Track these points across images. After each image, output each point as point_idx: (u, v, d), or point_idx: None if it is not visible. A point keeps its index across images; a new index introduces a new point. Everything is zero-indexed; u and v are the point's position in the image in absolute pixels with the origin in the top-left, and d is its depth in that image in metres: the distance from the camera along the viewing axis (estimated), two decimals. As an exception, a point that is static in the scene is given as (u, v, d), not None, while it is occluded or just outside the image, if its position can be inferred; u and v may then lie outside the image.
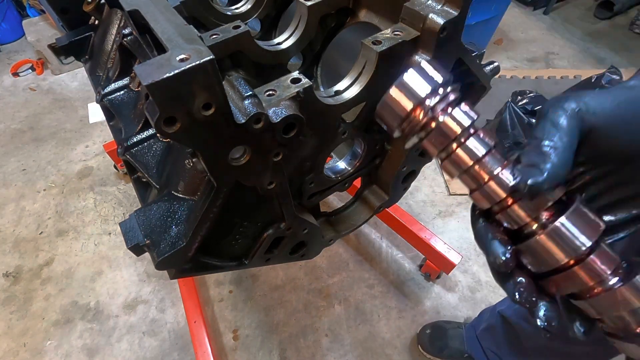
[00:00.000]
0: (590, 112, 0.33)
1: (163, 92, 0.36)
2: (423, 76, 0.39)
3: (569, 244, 0.34)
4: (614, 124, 0.33)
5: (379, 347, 1.73)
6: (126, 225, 0.61)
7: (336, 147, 0.67)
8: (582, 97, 0.34)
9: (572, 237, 0.34)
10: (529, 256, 0.36)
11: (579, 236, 0.34)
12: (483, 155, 0.37)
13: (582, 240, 0.34)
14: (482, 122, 2.37)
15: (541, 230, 0.35)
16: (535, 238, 0.35)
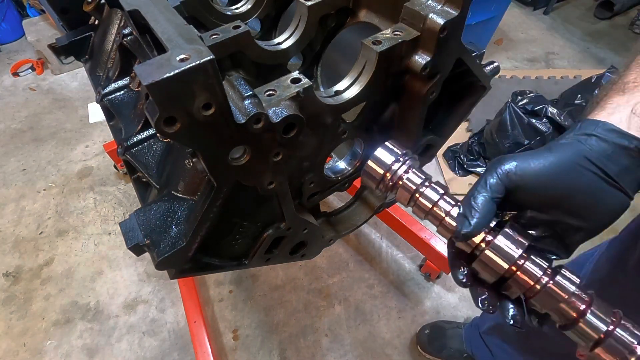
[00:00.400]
0: (517, 174, 0.44)
1: (163, 92, 0.36)
2: (388, 151, 0.56)
3: (505, 254, 0.46)
4: (532, 184, 0.44)
5: (379, 347, 1.73)
6: (126, 225, 0.61)
7: (336, 147, 0.67)
8: (514, 159, 0.45)
9: (507, 249, 0.46)
10: (481, 271, 0.48)
11: (511, 249, 0.45)
12: (436, 201, 0.51)
13: (513, 251, 0.45)
14: (482, 122, 2.38)
15: (486, 248, 0.46)
16: (481, 255, 0.47)
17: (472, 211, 0.45)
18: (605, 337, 0.42)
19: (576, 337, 0.44)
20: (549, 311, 0.45)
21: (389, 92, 0.64)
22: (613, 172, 0.43)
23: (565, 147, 0.44)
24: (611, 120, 0.44)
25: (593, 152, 0.43)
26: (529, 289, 0.45)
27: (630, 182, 0.44)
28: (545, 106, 1.98)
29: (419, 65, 0.57)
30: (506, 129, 2.03)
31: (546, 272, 0.45)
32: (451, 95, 0.75)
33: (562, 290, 0.44)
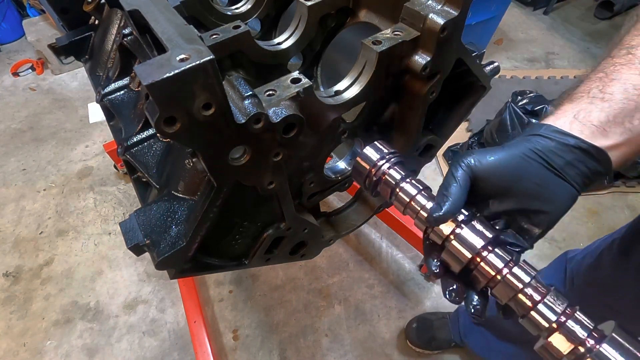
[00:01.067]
0: (476, 165, 0.50)
1: (163, 92, 0.36)
2: (375, 150, 0.60)
3: (469, 246, 0.49)
4: (488, 174, 0.50)
5: (379, 347, 1.73)
6: (126, 225, 0.61)
7: (336, 147, 0.67)
8: (473, 154, 0.51)
9: (473, 239, 0.49)
10: (448, 260, 0.51)
11: (476, 239, 0.49)
12: (414, 195, 0.55)
13: (477, 242, 0.49)
14: (482, 122, 2.38)
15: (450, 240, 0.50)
16: (448, 245, 0.51)
17: (444, 198, 0.50)
18: (557, 327, 0.43)
19: (530, 326, 0.46)
20: (509, 302, 0.47)
21: (389, 92, 0.64)
22: (557, 165, 0.48)
23: (516, 144, 0.50)
24: (556, 123, 0.50)
25: (538, 147, 0.48)
26: (491, 279, 0.48)
27: (575, 176, 0.48)
28: (545, 106, 1.98)
29: (419, 65, 0.57)
30: (506, 129, 2.03)
31: (508, 264, 0.48)
32: (451, 95, 0.75)
33: (519, 281, 0.47)
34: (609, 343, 0.41)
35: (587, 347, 0.41)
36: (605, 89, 0.49)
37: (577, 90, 0.52)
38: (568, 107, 0.51)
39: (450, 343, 1.64)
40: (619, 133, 0.48)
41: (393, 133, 0.74)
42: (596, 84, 0.50)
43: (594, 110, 0.48)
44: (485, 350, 1.49)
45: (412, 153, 0.77)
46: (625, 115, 0.47)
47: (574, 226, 2.07)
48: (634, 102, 0.47)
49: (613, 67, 0.50)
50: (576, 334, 0.43)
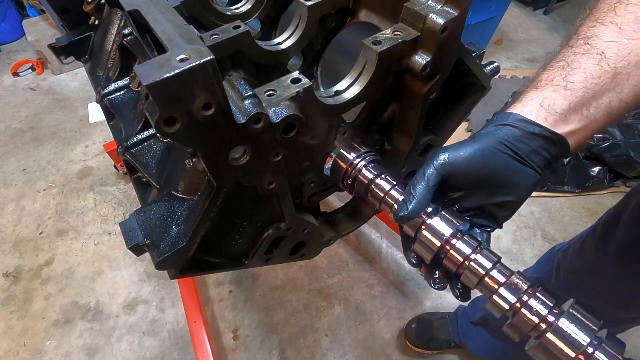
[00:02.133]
0: (449, 162, 0.53)
1: (163, 92, 0.36)
2: (352, 149, 0.65)
3: (437, 234, 0.52)
4: (462, 170, 0.53)
5: (378, 347, 1.73)
6: (126, 225, 0.61)
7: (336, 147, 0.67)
8: (447, 150, 0.53)
9: (440, 230, 0.52)
10: (420, 250, 0.54)
11: (444, 229, 0.52)
12: (387, 191, 0.59)
13: (445, 231, 0.52)
14: (482, 122, 2.38)
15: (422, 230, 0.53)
16: (420, 235, 0.54)
17: (410, 197, 0.53)
18: (520, 306, 0.46)
19: (494, 309, 0.49)
20: (476, 287, 0.51)
21: (389, 92, 0.64)
22: (524, 152, 0.51)
23: (485, 136, 0.53)
24: (523, 111, 0.53)
25: (507, 138, 0.52)
26: (459, 266, 0.51)
27: (539, 162, 0.52)
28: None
29: (419, 65, 0.57)
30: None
31: (474, 251, 0.51)
32: (451, 95, 0.75)
33: (482, 268, 0.50)
34: (566, 317, 0.44)
35: (548, 322, 0.44)
36: (568, 78, 0.52)
37: (540, 77, 0.55)
38: (534, 95, 0.54)
39: (449, 343, 1.64)
40: (577, 120, 0.51)
41: (393, 133, 0.74)
42: (559, 72, 0.53)
43: (558, 98, 0.51)
44: (483, 350, 1.49)
45: (412, 153, 0.77)
46: (584, 104, 0.51)
47: (573, 226, 2.07)
48: (591, 91, 0.50)
49: (573, 56, 0.53)
50: (537, 311, 0.45)
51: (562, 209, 2.13)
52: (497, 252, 1.75)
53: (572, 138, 0.52)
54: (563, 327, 0.43)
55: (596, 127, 0.52)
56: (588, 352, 0.41)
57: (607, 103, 0.50)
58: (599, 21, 0.53)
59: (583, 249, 1.01)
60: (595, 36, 0.52)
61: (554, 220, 2.10)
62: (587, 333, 0.43)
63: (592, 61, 0.51)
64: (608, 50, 0.50)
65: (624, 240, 0.86)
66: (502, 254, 1.96)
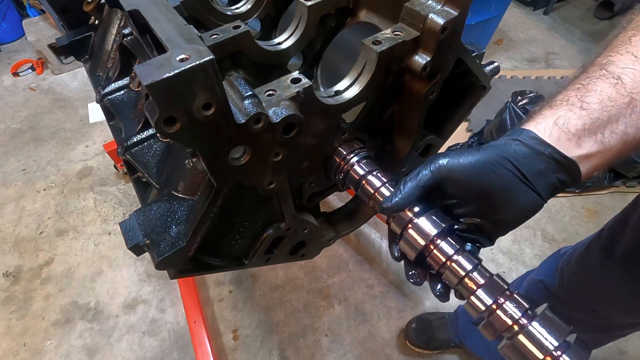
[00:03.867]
0: (447, 167, 0.51)
1: (163, 92, 0.36)
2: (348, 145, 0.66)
3: (424, 232, 0.53)
4: (458, 178, 0.51)
5: (379, 347, 1.73)
6: (126, 225, 0.61)
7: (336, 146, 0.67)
8: (448, 156, 0.52)
9: (425, 229, 0.53)
10: (404, 247, 0.55)
11: (429, 229, 0.52)
12: (378, 188, 0.61)
13: (428, 230, 0.52)
14: (482, 122, 2.38)
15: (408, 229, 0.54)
16: (405, 233, 0.54)
17: (398, 192, 0.54)
18: (496, 308, 0.48)
19: (470, 309, 0.50)
20: (457, 287, 0.52)
21: (389, 92, 0.64)
22: (529, 173, 0.49)
23: (492, 149, 0.51)
24: (537, 129, 0.51)
25: (514, 154, 0.50)
26: (441, 265, 0.52)
27: (544, 186, 0.50)
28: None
29: (419, 65, 0.57)
30: (506, 129, 2.03)
31: (456, 252, 0.51)
32: (451, 95, 0.75)
33: (462, 269, 0.51)
34: (538, 321, 0.45)
35: (521, 324, 0.46)
36: (584, 98, 0.51)
37: (555, 98, 0.54)
38: (548, 113, 0.52)
39: (449, 343, 1.64)
40: (591, 144, 0.49)
41: (393, 133, 0.74)
42: (575, 93, 0.52)
43: (573, 117, 0.50)
44: (482, 350, 1.49)
45: (412, 153, 0.77)
46: (599, 126, 0.49)
47: (573, 226, 2.07)
48: (607, 114, 0.49)
49: (590, 79, 0.52)
50: (511, 314, 0.47)
51: (562, 209, 2.13)
52: (497, 252, 1.76)
53: (584, 164, 0.50)
54: (534, 330, 0.45)
55: (610, 155, 0.50)
56: (555, 355, 0.43)
57: (622, 130, 0.48)
58: (614, 51, 0.52)
59: (588, 252, 1.00)
60: (611, 63, 0.51)
61: (554, 220, 2.10)
62: (556, 337, 0.44)
63: (609, 84, 0.50)
64: (624, 76, 0.49)
65: (630, 245, 0.85)
66: (502, 254, 1.97)
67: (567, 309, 1.05)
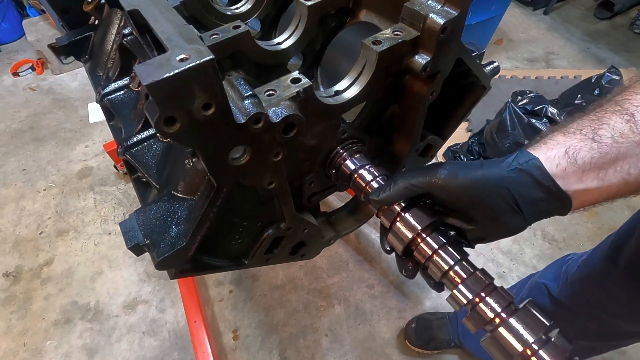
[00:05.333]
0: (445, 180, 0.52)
1: (163, 92, 0.36)
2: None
3: (411, 226, 0.54)
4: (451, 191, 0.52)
5: (379, 347, 1.73)
6: (126, 225, 0.61)
7: (336, 146, 0.67)
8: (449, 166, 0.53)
9: (413, 223, 0.54)
10: (392, 240, 0.57)
11: (416, 223, 0.54)
12: (370, 181, 0.62)
13: (416, 224, 0.54)
14: (482, 122, 2.38)
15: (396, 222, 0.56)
16: (394, 227, 0.56)
17: (387, 187, 0.55)
18: (479, 301, 0.49)
19: (453, 302, 0.52)
20: (442, 280, 0.53)
21: (389, 92, 0.64)
22: (523, 201, 0.50)
23: (495, 169, 0.52)
24: (547, 155, 0.51)
25: (514, 183, 0.50)
26: (427, 259, 0.53)
27: (533, 213, 0.51)
28: (545, 106, 1.98)
29: (419, 65, 0.57)
30: (506, 129, 2.03)
31: (442, 246, 0.53)
32: (451, 95, 0.75)
33: (446, 263, 0.52)
34: (519, 315, 0.47)
35: (502, 318, 0.47)
36: (597, 131, 0.51)
37: (570, 125, 0.54)
38: (561, 140, 0.53)
39: (449, 343, 1.64)
40: (591, 179, 0.50)
41: (393, 133, 0.74)
42: (589, 124, 0.52)
43: (583, 149, 0.50)
44: (482, 350, 1.49)
45: (412, 153, 0.77)
46: (604, 163, 0.49)
47: (574, 226, 2.07)
48: (616, 150, 0.49)
49: (604, 113, 0.52)
50: (493, 307, 0.48)
51: (562, 209, 2.13)
52: (497, 252, 1.76)
53: (579, 198, 0.51)
54: (514, 324, 0.46)
55: (607, 193, 0.51)
56: (534, 348, 0.44)
57: (626, 169, 0.49)
58: (629, 90, 0.53)
59: (592, 258, 1.00)
60: (626, 100, 0.52)
61: (554, 220, 2.09)
62: (536, 330, 0.45)
63: (621, 120, 0.50)
64: (638, 114, 0.49)
65: (635, 253, 0.84)
66: (502, 254, 1.97)
67: (570, 315, 1.05)
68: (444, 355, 1.69)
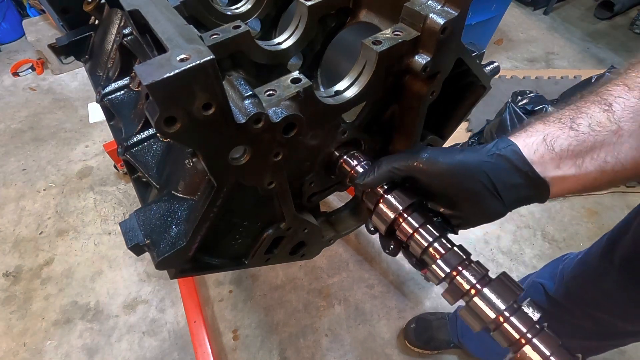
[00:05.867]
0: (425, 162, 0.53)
1: (163, 91, 0.36)
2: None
3: (392, 207, 0.57)
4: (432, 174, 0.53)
5: (379, 347, 1.73)
6: (126, 225, 0.61)
7: (336, 146, 0.67)
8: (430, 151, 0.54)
9: (394, 203, 0.57)
10: (376, 221, 0.59)
11: (397, 203, 0.57)
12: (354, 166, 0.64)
13: (397, 205, 0.56)
14: (482, 122, 2.38)
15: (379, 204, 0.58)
16: (377, 208, 0.58)
17: (371, 173, 0.57)
18: (456, 274, 0.51)
19: (432, 277, 0.54)
20: (422, 257, 0.55)
21: (389, 92, 0.64)
22: (502, 187, 0.51)
23: (474, 155, 0.53)
24: (525, 142, 0.53)
25: (493, 168, 0.52)
26: (409, 237, 0.56)
27: (512, 199, 0.52)
28: (545, 106, 1.98)
29: (419, 65, 0.57)
30: (506, 129, 2.03)
31: (423, 225, 0.55)
32: (451, 95, 0.75)
33: (425, 240, 0.54)
34: (492, 285, 0.50)
35: (477, 289, 0.50)
36: (575, 119, 0.52)
37: (550, 114, 0.56)
38: (540, 128, 0.54)
39: (449, 343, 1.64)
40: (568, 166, 0.51)
41: (393, 133, 0.74)
42: (568, 113, 0.54)
43: (561, 137, 0.52)
44: (482, 350, 1.49)
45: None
46: (581, 151, 0.51)
47: (574, 226, 2.07)
48: (593, 138, 0.50)
49: (584, 102, 0.54)
50: (469, 279, 0.51)
51: (562, 209, 2.13)
52: (497, 252, 1.77)
53: (556, 185, 0.52)
54: (487, 293, 0.49)
55: (584, 181, 0.52)
56: (506, 315, 0.48)
57: (602, 158, 0.50)
58: (610, 83, 0.54)
59: (588, 257, 1.00)
60: (606, 91, 0.53)
61: (554, 220, 2.10)
62: (508, 299, 0.48)
63: (599, 110, 0.51)
64: (616, 104, 0.51)
65: (630, 250, 0.85)
66: (502, 254, 1.97)
67: (566, 314, 1.05)
68: (444, 356, 1.69)
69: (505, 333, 0.48)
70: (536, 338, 0.46)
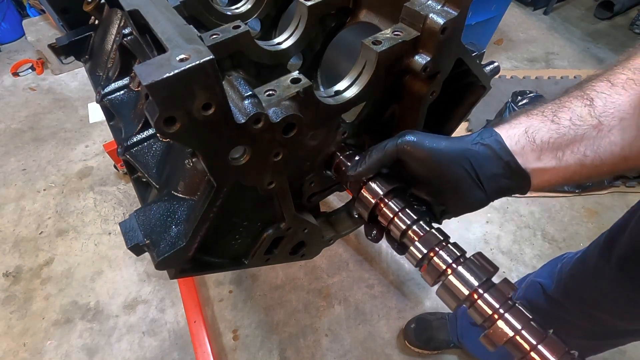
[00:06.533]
0: (411, 144, 0.54)
1: (163, 92, 0.36)
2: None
3: (374, 192, 0.58)
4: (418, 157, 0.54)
5: (378, 347, 1.73)
6: (126, 225, 0.61)
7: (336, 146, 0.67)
8: (417, 134, 0.55)
9: (376, 189, 0.58)
10: (358, 207, 0.61)
11: (378, 189, 0.58)
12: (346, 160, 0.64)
13: (379, 190, 0.58)
14: (482, 122, 2.38)
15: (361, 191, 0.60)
16: (359, 195, 0.60)
17: (362, 162, 0.58)
18: (433, 255, 0.53)
19: (412, 259, 0.55)
20: (403, 240, 0.57)
21: (389, 92, 0.64)
22: (484, 175, 0.52)
23: (459, 143, 0.54)
24: (508, 133, 0.54)
25: (476, 155, 0.53)
26: (390, 221, 0.57)
27: (494, 188, 0.54)
28: (545, 106, 1.98)
29: (419, 65, 0.57)
30: (506, 129, 2.03)
31: (402, 209, 0.56)
32: (451, 95, 0.75)
33: (403, 223, 0.56)
34: (466, 264, 0.51)
35: (453, 268, 0.51)
36: (557, 113, 0.53)
37: (534, 108, 0.57)
38: (523, 120, 0.55)
39: (448, 343, 1.64)
40: (549, 159, 0.52)
41: (393, 133, 0.74)
42: (551, 107, 0.55)
43: (543, 129, 0.53)
44: (481, 350, 1.49)
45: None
46: (562, 143, 0.52)
47: (574, 226, 2.07)
48: (574, 132, 0.51)
49: (567, 97, 0.55)
50: (445, 259, 0.52)
51: (562, 209, 2.13)
52: (497, 252, 1.77)
53: (537, 177, 0.53)
54: (462, 271, 0.51)
55: (564, 173, 0.53)
56: (479, 292, 0.49)
57: (582, 151, 0.51)
58: (595, 77, 0.55)
59: (586, 256, 1.00)
60: (589, 87, 0.54)
61: (554, 220, 2.10)
62: (481, 276, 0.50)
63: (581, 104, 0.52)
64: (597, 99, 0.51)
65: (628, 249, 0.85)
66: (502, 254, 1.97)
67: (565, 313, 1.05)
68: (444, 356, 1.69)
69: (479, 309, 0.49)
70: (509, 313, 0.47)
